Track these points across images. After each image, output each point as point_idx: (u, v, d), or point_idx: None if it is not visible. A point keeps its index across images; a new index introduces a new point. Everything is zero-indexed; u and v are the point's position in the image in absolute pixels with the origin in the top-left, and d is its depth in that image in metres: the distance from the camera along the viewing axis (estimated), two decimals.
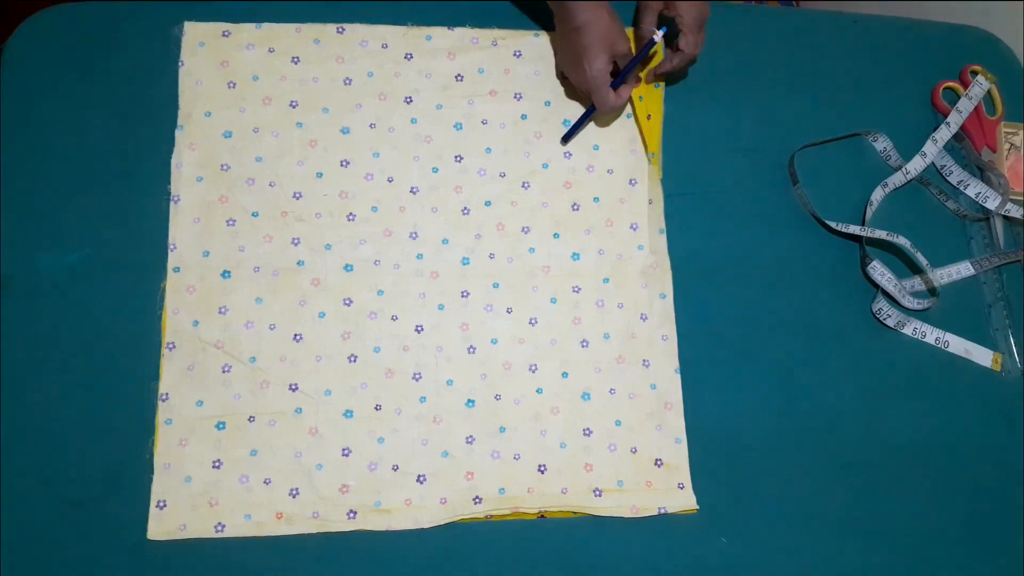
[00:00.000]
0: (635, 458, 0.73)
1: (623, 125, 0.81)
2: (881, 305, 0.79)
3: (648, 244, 0.78)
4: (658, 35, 0.74)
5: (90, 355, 0.69)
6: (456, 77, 0.80)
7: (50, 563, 0.65)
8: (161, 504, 0.67)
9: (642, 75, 0.81)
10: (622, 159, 0.80)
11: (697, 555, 0.71)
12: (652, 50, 0.76)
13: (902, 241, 0.79)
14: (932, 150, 0.84)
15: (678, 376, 0.75)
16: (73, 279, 0.71)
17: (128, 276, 0.71)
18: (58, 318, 0.70)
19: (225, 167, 0.75)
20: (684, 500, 0.72)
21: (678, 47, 0.75)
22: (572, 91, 0.80)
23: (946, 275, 0.82)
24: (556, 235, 0.77)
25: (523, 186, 0.78)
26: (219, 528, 0.67)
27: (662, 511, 0.71)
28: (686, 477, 0.72)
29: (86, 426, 0.68)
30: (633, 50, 0.77)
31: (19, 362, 0.68)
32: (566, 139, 0.79)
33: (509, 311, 0.75)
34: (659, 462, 0.73)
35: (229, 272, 0.72)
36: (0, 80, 0.74)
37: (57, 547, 0.65)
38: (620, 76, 0.75)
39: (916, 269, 0.82)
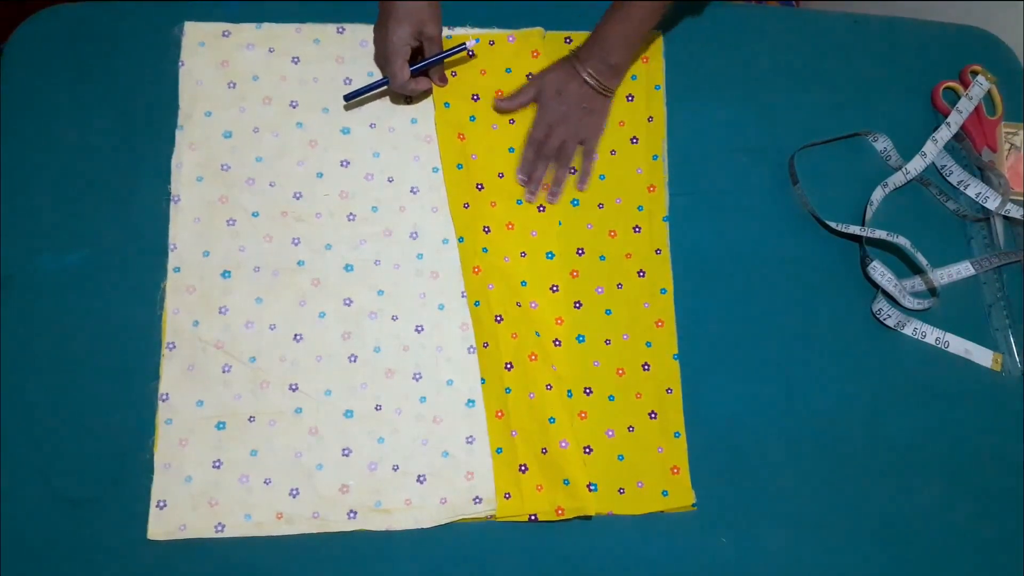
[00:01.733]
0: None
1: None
2: (881, 305, 0.79)
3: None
4: (471, 43, 0.75)
5: (90, 355, 0.69)
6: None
7: (50, 563, 0.65)
8: (161, 504, 0.67)
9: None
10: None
11: (697, 555, 0.71)
12: (460, 55, 0.77)
13: (902, 241, 0.79)
14: (932, 150, 0.84)
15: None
16: (73, 279, 0.71)
17: (128, 276, 0.71)
18: (58, 318, 0.70)
19: (225, 167, 0.75)
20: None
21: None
22: (376, 57, 0.78)
23: (946, 275, 0.82)
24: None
25: None
26: (219, 528, 0.67)
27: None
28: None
29: (86, 426, 0.68)
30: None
31: (19, 362, 0.68)
32: (349, 98, 0.76)
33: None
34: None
35: (229, 272, 0.72)
36: (0, 80, 0.74)
37: (57, 547, 0.65)
38: (421, 64, 0.75)
39: (916, 269, 0.81)
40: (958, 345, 0.80)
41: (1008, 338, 0.81)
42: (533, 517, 0.69)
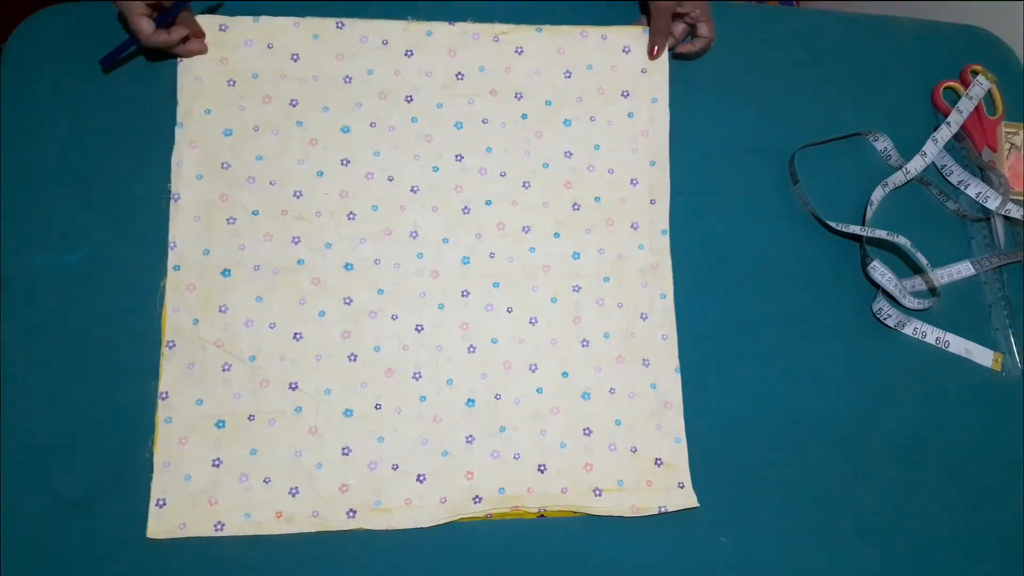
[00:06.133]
0: (635, 457, 0.73)
1: (623, 124, 0.81)
2: (881, 305, 0.79)
3: (649, 244, 0.78)
4: None
5: (89, 354, 0.69)
6: (457, 75, 0.80)
7: (50, 563, 0.65)
8: (161, 503, 0.67)
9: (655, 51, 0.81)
10: (623, 158, 0.80)
11: (697, 554, 0.71)
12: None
13: (902, 241, 0.79)
14: (932, 150, 0.84)
15: (678, 376, 0.75)
16: (73, 279, 0.71)
17: (128, 275, 0.71)
18: (57, 317, 0.70)
19: (225, 165, 0.74)
20: (684, 499, 0.72)
21: (698, 35, 0.81)
22: None
23: (946, 275, 0.82)
24: (556, 234, 0.77)
25: (523, 185, 0.78)
26: (219, 527, 0.67)
27: (662, 510, 0.71)
28: (686, 476, 0.72)
29: (85, 425, 0.68)
30: None
31: (19, 362, 0.68)
32: (107, 63, 0.73)
33: (509, 310, 0.75)
34: (659, 461, 0.73)
35: (229, 271, 0.72)
36: (0, 80, 0.74)
37: (57, 547, 0.65)
38: (164, 16, 0.71)
39: (916, 269, 0.82)
40: (958, 345, 0.80)
41: (1008, 338, 0.81)
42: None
